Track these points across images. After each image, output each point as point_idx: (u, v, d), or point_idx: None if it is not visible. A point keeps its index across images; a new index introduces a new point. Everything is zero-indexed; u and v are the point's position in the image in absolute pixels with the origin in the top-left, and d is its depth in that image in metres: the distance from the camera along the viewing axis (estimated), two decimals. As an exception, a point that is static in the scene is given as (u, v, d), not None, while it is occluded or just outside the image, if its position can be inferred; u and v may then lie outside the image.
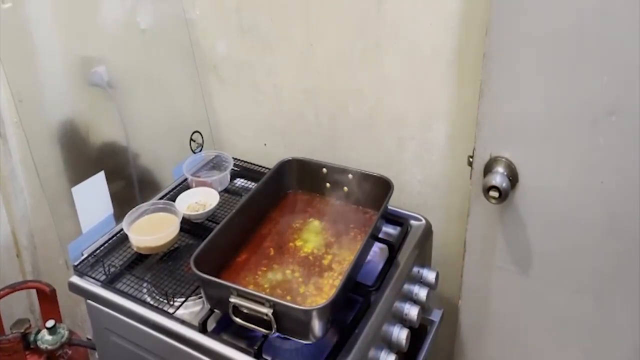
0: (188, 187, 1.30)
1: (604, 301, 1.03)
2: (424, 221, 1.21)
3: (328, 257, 1.07)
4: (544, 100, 0.92)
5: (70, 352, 1.36)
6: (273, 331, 0.88)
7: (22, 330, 1.32)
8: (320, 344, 0.94)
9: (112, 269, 1.11)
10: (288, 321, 0.87)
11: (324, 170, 1.21)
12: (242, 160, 1.45)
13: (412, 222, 1.20)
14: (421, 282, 1.16)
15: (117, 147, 1.28)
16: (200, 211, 1.21)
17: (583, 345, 1.10)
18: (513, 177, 1.00)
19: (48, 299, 1.42)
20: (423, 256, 1.18)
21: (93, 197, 1.17)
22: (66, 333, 1.33)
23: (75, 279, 1.11)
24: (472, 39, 1.06)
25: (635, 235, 0.94)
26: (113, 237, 1.19)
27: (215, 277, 0.93)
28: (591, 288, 1.03)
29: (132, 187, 1.31)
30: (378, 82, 1.22)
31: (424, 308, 1.13)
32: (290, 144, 1.43)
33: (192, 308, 1.03)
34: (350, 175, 1.18)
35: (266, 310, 0.86)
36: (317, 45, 1.26)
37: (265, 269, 1.05)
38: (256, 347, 0.91)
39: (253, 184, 1.38)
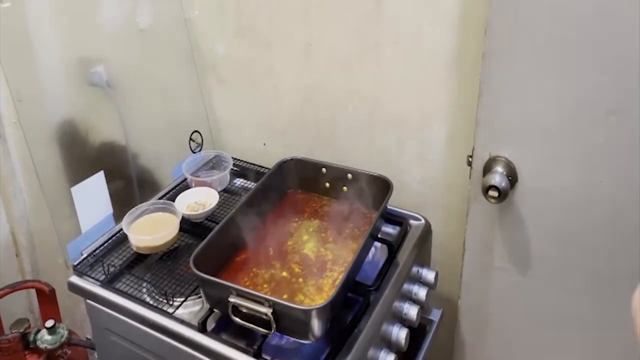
0: (187, 187, 1.30)
1: (604, 301, 1.03)
2: (423, 221, 1.21)
3: (327, 256, 1.07)
4: (544, 100, 0.92)
5: (69, 352, 1.36)
6: (272, 331, 0.88)
7: (22, 330, 1.32)
8: (319, 343, 0.94)
9: (112, 269, 1.10)
10: (287, 321, 0.87)
11: (324, 170, 1.21)
12: (241, 160, 1.45)
13: (412, 221, 1.20)
14: (420, 281, 1.16)
15: (116, 146, 1.28)
16: (200, 211, 1.21)
17: (582, 345, 1.10)
18: (512, 176, 1.00)
19: (47, 299, 1.42)
20: (422, 256, 1.18)
21: (92, 196, 1.17)
22: (65, 333, 1.33)
23: (74, 279, 1.11)
24: (472, 38, 1.06)
25: (635, 235, 0.94)
26: (112, 236, 1.19)
27: (215, 276, 0.93)
28: (591, 288, 1.03)
29: (131, 186, 1.31)
30: (377, 81, 1.22)
31: (424, 308, 1.13)
32: (290, 143, 1.43)
33: (191, 308, 1.02)
34: (349, 175, 1.18)
35: (265, 310, 0.86)
36: (316, 45, 1.26)
37: (264, 268, 1.05)
38: (255, 347, 0.91)
39: (252, 183, 1.38)
